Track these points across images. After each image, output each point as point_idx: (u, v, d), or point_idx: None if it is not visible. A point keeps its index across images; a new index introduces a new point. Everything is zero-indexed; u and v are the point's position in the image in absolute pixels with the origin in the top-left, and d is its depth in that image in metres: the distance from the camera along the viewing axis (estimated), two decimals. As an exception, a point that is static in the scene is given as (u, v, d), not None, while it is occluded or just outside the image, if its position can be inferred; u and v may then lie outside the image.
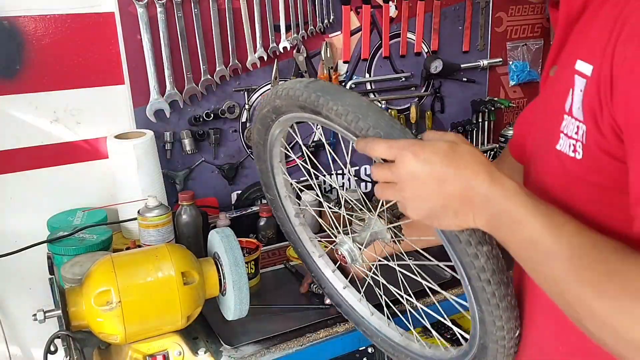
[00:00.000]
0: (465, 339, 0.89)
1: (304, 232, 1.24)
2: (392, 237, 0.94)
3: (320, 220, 1.14)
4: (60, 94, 1.51)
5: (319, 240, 1.21)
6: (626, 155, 0.58)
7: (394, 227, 0.93)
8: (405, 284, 0.97)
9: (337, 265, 1.18)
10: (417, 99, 2.03)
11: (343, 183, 1.98)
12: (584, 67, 0.61)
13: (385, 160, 0.68)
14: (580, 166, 0.63)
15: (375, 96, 1.95)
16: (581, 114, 0.61)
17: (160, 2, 1.53)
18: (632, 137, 0.56)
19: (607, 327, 0.55)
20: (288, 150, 1.03)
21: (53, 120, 1.52)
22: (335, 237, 0.99)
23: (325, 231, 1.09)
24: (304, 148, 1.01)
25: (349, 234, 0.96)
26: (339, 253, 0.96)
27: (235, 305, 1.07)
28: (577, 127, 0.62)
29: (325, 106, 0.79)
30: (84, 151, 1.58)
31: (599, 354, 0.60)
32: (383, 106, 1.95)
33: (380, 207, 0.91)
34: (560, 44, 0.72)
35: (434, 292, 0.94)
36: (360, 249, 0.95)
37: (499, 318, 0.75)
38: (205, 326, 1.22)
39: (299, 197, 1.77)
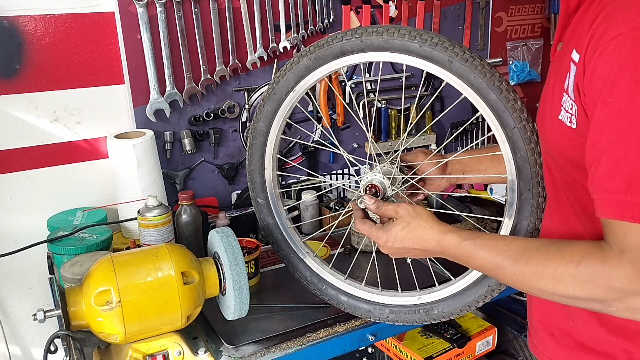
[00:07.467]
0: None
1: (296, 234, 1.24)
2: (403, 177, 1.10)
3: (349, 156, 1.25)
4: (60, 93, 1.51)
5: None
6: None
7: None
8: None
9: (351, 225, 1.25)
10: (417, 98, 2.03)
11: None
12: (576, 56, 0.76)
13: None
14: (577, 134, 0.78)
15: (375, 96, 1.95)
16: (573, 94, 0.77)
17: (160, 1, 1.52)
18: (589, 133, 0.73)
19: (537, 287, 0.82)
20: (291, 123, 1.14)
21: (53, 120, 1.52)
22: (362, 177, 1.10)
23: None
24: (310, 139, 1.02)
25: (376, 166, 1.08)
26: (369, 191, 1.05)
27: (235, 305, 1.07)
28: (572, 104, 0.78)
29: (384, 34, 0.94)
30: (84, 151, 1.58)
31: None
32: (383, 107, 1.95)
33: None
34: (564, 27, 0.87)
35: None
36: (389, 179, 1.07)
37: (539, 154, 0.96)
38: (205, 326, 1.22)
39: (298, 199, 1.77)
